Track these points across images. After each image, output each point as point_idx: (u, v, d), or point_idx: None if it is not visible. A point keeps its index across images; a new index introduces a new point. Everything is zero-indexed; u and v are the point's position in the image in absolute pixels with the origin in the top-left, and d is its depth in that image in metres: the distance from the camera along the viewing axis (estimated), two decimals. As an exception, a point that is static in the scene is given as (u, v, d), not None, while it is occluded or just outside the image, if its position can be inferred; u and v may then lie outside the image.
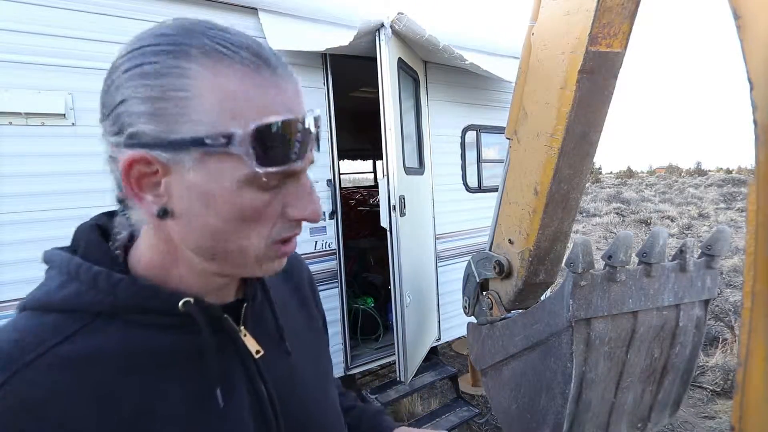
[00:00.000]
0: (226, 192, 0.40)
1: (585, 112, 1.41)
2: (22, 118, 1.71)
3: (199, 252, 0.43)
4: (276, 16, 2.30)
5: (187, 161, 0.38)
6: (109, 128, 0.40)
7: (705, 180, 25.58)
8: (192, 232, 0.41)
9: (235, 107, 0.38)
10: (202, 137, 0.37)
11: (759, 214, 0.56)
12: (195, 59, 0.38)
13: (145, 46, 0.39)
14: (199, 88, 0.37)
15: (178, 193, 0.40)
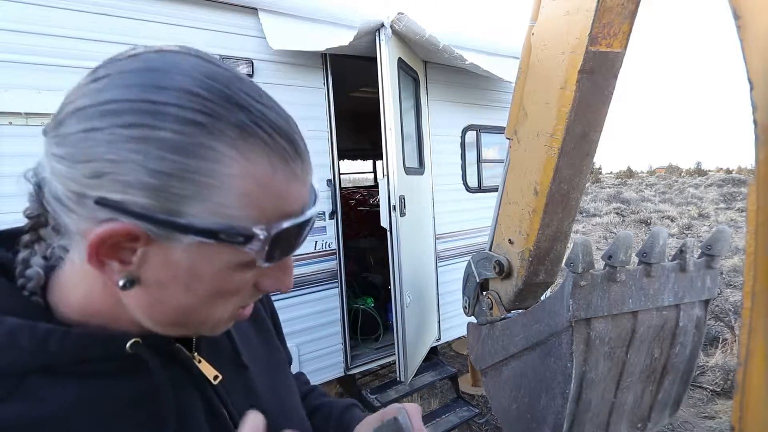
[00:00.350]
0: (213, 274, 0.36)
1: (585, 112, 1.41)
2: (22, 118, 1.71)
3: (157, 322, 0.38)
4: (276, 16, 2.30)
5: (181, 243, 0.33)
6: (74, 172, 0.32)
7: (705, 180, 25.58)
8: (157, 305, 0.36)
9: (260, 205, 0.34)
10: (216, 231, 0.33)
11: (759, 214, 0.56)
12: (231, 142, 0.32)
13: (167, 104, 0.31)
14: (229, 177, 0.32)
15: (155, 266, 0.34)
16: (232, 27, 2.19)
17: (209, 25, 2.12)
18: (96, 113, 0.31)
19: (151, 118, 0.31)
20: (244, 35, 2.23)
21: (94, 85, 0.32)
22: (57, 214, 0.35)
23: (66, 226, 0.35)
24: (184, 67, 0.33)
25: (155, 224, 0.32)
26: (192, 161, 0.31)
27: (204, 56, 0.36)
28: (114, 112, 0.31)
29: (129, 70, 0.32)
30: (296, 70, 2.39)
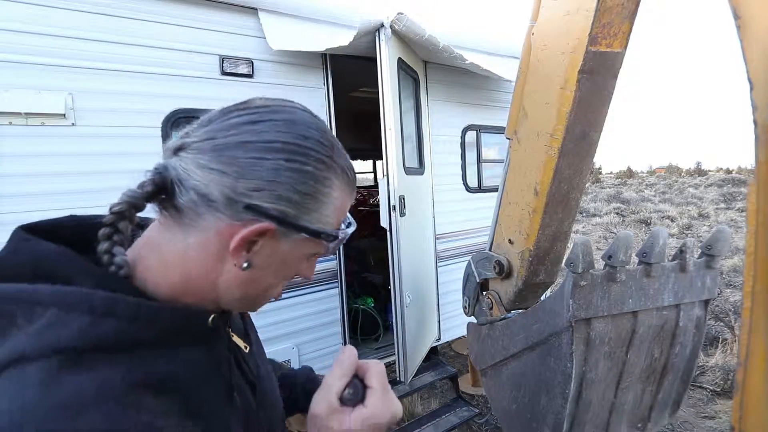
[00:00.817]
0: (295, 260, 0.52)
1: (585, 112, 1.41)
2: (22, 118, 1.71)
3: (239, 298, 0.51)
4: (276, 16, 2.30)
5: (291, 238, 0.49)
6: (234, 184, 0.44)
7: (705, 180, 25.58)
8: (251, 284, 0.50)
9: (339, 218, 0.53)
10: (320, 232, 0.49)
11: (759, 214, 0.56)
12: (337, 177, 0.50)
13: (310, 148, 0.48)
14: (332, 198, 0.50)
15: (264, 254, 0.48)
16: (232, 27, 2.19)
17: (209, 25, 2.12)
18: (263, 148, 0.45)
19: (302, 157, 0.47)
20: (244, 35, 2.23)
21: (253, 127, 0.46)
22: (196, 209, 0.45)
23: (198, 219, 0.46)
24: (309, 122, 0.50)
25: (286, 226, 0.47)
26: (320, 186, 0.48)
27: (310, 112, 0.52)
28: (277, 149, 0.46)
29: (279, 120, 0.48)
30: (296, 70, 2.39)
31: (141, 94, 1.96)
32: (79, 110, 1.82)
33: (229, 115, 0.48)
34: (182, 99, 2.05)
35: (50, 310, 0.39)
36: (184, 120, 2.08)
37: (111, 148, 1.89)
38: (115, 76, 1.90)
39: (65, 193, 1.80)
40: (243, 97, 0.52)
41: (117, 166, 1.91)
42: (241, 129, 0.46)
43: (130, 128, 1.94)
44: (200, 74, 2.10)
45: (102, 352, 0.39)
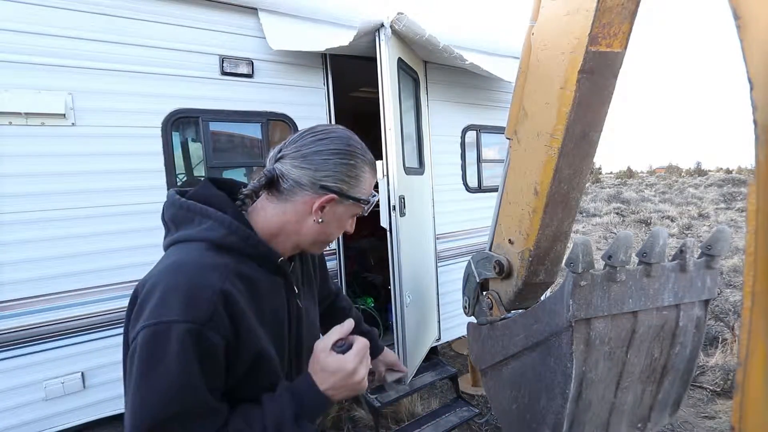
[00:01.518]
0: (346, 218, 0.86)
1: (585, 112, 1.41)
2: (22, 118, 1.71)
3: (311, 240, 0.84)
4: (276, 16, 2.30)
5: (345, 204, 0.83)
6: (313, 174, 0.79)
7: (705, 180, 25.59)
8: (322, 233, 0.84)
9: (368, 188, 0.86)
10: (361, 198, 0.84)
11: (759, 214, 0.56)
12: (366, 164, 0.84)
13: (351, 151, 0.82)
14: (365, 178, 0.84)
15: (330, 214, 0.83)
16: (232, 27, 2.19)
17: (209, 25, 2.12)
18: (328, 152, 0.80)
19: (348, 156, 0.81)
20: (244, 35, 2.23)
21: (321, 141, 0.80)
22: (292, 189, 0.80)
23: (293, 195, 0.80)
24: (349, 136, 0.84)
25: (342, 196, 0.81)
26: (358, 172, 0.83)
27: (345, 129, 0.86)
28: (335, 153, 0.80)
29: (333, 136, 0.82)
30: (296, 70, 2.39)
31: (141, 94, 1.96)
32: (79, 110, 1.82)
33: (306, 136, 0.81)
34: (182, 99, 2.06)
35: (209, 221, 0.75)
36: (184, 120, 2.08)
37: (111, 148, 1.89)
38: (115, 76, 1.90)
39: (65, 193, 1.80)
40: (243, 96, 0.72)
41: (117, 166, 1.91)
42: (315, 143, 0.80)
43: (130, 128, 1.94)
44: (200, 74, 2.10)
45: (226, 250, 0.74)
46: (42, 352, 1.76)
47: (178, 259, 0.70)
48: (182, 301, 0.63)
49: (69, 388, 1.80)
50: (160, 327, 0.62)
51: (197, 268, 0.68)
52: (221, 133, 2.21)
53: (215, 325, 0.65)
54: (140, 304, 0.66)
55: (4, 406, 1.69)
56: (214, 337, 0.65)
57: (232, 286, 0.69)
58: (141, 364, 0.63)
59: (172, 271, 0.68)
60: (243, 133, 2.28)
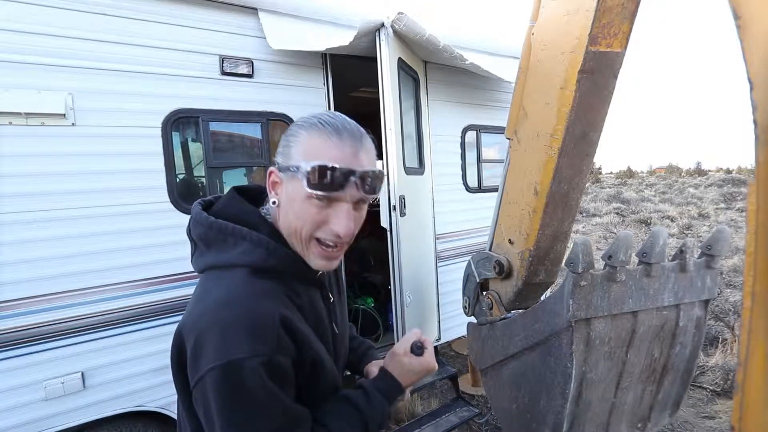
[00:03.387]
0: (297, 201, 0.71)
1: (585, 112, 1.41)
2: (22, 118, 1.71)
3: (287, 232, 0.75)
4: (276, 16, 2.30)
5: (287, 179, 0.72)
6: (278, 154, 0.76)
7: (705, 180, 25.58)
8: (284, 218, 0.75)
9: (309, 154, 0.70)
10: (289, 166, 0.71)
11: (759, 214, 0.56)
12: (307, 129, 0.72)
13: (296, 123, 0.75)
14: (299, 140, 0.72)
15: (283, 194, 0.74)
16: (232, 27, 2.19)
17: (209, 25, 2.12)
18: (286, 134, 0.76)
19: (290, 128, 0.75)
20: (244, 35, 2.22)
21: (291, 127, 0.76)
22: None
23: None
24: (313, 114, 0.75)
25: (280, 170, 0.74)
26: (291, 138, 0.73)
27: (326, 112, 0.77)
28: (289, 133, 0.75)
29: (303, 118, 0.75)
30: (296, 70, 2.39)
31: (141, 94, 1.96)
32: (79, 110, 1.82)
33: None
34: (182, 99, 2.05)
35: (246, 243, 0.73)
36: (184, 120, 2.08)
37: (111, 148, 1.89)
38: (115, 76, 1.90)
39: (65, 193, 1.80)
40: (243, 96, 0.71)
41: (117, 166, 1.91)
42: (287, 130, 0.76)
43: (130, 128, 1.93)
44: (200, 74, 2.10)
45: (268, 272, 0.72)
46: (42, 352, 1.75)
47: (226, 292, 0.68)
48: (247, 336, 0.63)
49: (69, 388, 1.80)
50: (232, 365, 0.62)
51: (250, 298, 0.67)
52: (221, 133, 2.21)
53: (282, 349, 0.66)
54: (197, 345, 0.65)
55: (4, 406, 1.69)
56: (284, 360, 0.67)
57: (285, 308, 0.70)
58: (223, 404, 0.63)
59: (224, 306, 0.66)
60: (243, 133, 2.28)
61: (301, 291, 0.77)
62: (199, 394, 0.65)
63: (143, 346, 1.96)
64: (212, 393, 0.63)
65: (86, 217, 1.84)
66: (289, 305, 0.72)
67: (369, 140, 0.76)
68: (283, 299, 0.71)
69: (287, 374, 0.68)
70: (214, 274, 0.74)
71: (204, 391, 0.64)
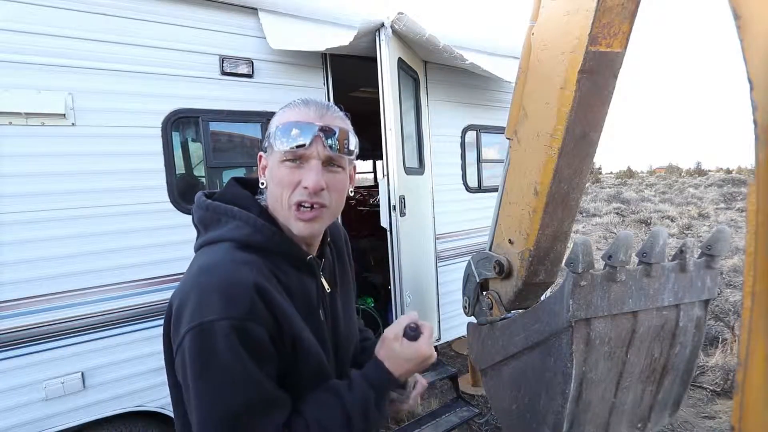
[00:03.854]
0: (274, 169, 0.76)
1: (585, 112, 1.41)
2: (22, 118, 1.71)
3: (274, 210, 0.78)
4: (276, 16, 2.30)
5: (268, 156, 0.78)
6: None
7: (705, 180, 25.58)
8: (270, 194, 0.79)
9: (278, 121, 0.77)
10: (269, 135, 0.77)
11: (759, 214, 0.56)
12: (282, 110, 0.80)
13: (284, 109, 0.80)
14: (275, 120, 0.78)
15: (268, 173, 0.79)
16: (232, 27, 2.19)
17: (209, 25, 2.12)
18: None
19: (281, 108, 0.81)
20: (244, 35, 2.23)
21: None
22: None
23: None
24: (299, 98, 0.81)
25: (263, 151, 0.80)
26: (275, 119, 0.78)
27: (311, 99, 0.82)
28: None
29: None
30: (296, 70, 2.39)
31: (141, 94, 1.96)
32: (79, 110, 1.82)
33: None
34: (182, 99, 2.06)
35: (236, 221, 0.76)
36: (184, 120, 2.08)
37: (111, 148, 1.89)
38: (115, 76, 1.90)
39: (65, 193, 1.80)
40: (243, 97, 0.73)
41: (117, 166, 1.91)
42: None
43: (130, 128, 1.94)
44: (200, 74, 2.10)
45: (253, 248, 0.74)
46: (42, 352, 1.75)
47: (208, 260, 0.71)
48: (220, 299, 0.64)
49: (69, 388, 1.80)
50: (204, 327, 0.63)
51: (228, 265, 0.69)
52: (221, 133, 2.21)
53: (255, 317, 0.66)
54: (177, 311, 0.68)
55: (4, 406, 1.69)
56: (256, 328, 0.66)
57: (264, 279, 0.70)
58: (194, 366, 0.64)
59: (203, 273, 0.69)
60: (243, 133, 2.28)
61: (291, 273, 0.78)
62: (179, 360, 0.67)
63: (143, 346, 1.96)
64: (188, 357, 0.64)
65: (86, 217, 1.84)
66: (270, 279, 0.72)
67: (337, 109, 0.80)
68: (265, 272, 0.72)
69: (262, 345, 0.67)
70: (203, 249, 0.77)
71: (182, 355, 0.65)
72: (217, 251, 0.73)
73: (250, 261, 0.71)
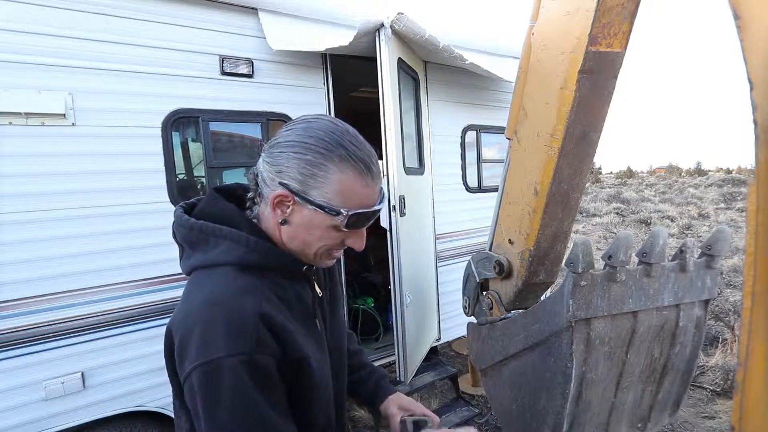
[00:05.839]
0: (320, 228, 0.73)
1: (585, 112, 1.41)
2: (22, 118, 1.71)
3: (292, 248, 0.77)
4: (276, 16, 2.30)
5: (308, 207, 0.71)
6: (272, 170, 0.72)
7: (705, 180, 25.58)
8: (293, 237, 0.76)
9: (346, 196, 0.71)
10: (323, 205, 0.70)
11: (759, 214, 0.56)
12: (334, 163, 0.69)
13: (310, 143, 0.69)
14: (331, 178, 0.70)
15: (296, 216, 0.73)
16: (232, 27, 2.19)
17: (209, 25, 2.12)
18: (285, 145, 0.71)
19: (304, 149, 0.69)
20: (244, 35, 2.22)
21: (285, 132, 0.73)
22: (262, 188, 0.75)
23: (265, 194, 0.74)
24: (320, 126, 0.71)
25: (297, 196, 0.71)
26: (316, 170, 0.70)
27: (332, 120, 0.74)
28: (291, 145, 0.71)
29: (299, 126, 0.72)
30: (296, 70, 2.39)
31: (141, 94, 1.96)
32: (79, 110, 1.82)
33: (284, 127, 0.75)
34: (182, 99, 2.05)
35: (227, 242, 0.72)
36: (184, 120, 2.08)
37: (111, 148, 1.89)
38: (115, 76, 1.90)
39: (65, 193, 1.80)
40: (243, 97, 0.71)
41: (117, 166, 1.91)
42: (279, 135, 0.73)
43: (130, 128, 1.93)
44: (200, 74, 2.10)
45: (251, 268, 0.72)
46: (42, 352, 1.75)
47: (209, 291, 0.69)
48: (226, 334, 0.64)
49: (69, 388, 1.80)
50: (211, 365, 0.63)
51: (230, 296, 0.68)
52: (221, 133, 2.21)
53: (263, 348, 0.66)
54: (182, 345, 0.67)
55: (4, 406, 1.69)
56: (264, 359, 0.66)
57: (268, 305, 0.69)
58: (203, 401, 0.65)
59: (206, 306, 0.67)
60: (243, 133, 2.28)
61: (287, 285, 0.77)
62: (187, 392, 0.67)
63: (143, 346, 1.96)
64: (197, 391, 0.65)
65: (86, 217, 1.84)
66: (273, 301, 0.72)
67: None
68: (267, 295, 0.71)
69: (270, 375, 0.67)
70: (199, 274, 0.74)
71: (191, 389, 0.66)
72: (217, 280, 0.70)
73: (251, 287, 0.70)
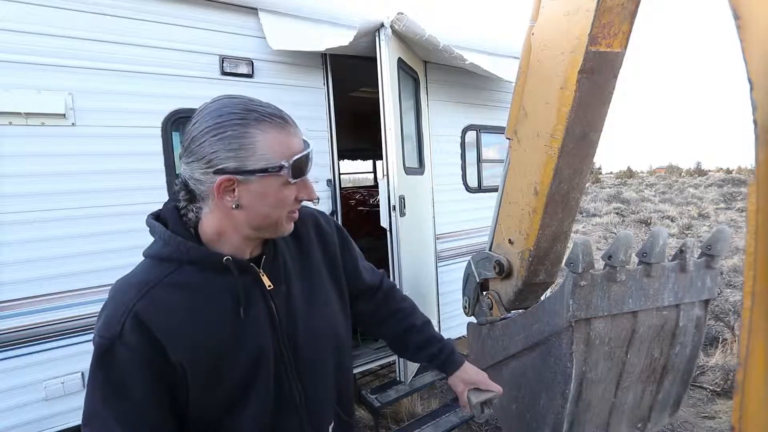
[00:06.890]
0: (272, 192, 0.75)
1: (585, 112, 1.41)
2: (22, 118, 1.71)
3: (253, 226, 0.78)
4: (276, 16, 2.30)
5: (252, 179, 0.72)
6: (199, 165, 0.72)
7: (705, 180, 25.58)
8: (251, 216, 0.76)
9: (279, 150, 0.73)
10: (266, 167, 0.72)
11: (759, 214, 0.56)
12: (253, 126, 0.71)
13: (222, 122, 0.71)
14: (258, 141, 0.71)
15: (245, 195, 0.74)
16: (232, 27, 2.19)
17: (209, 25, 2.12)
18: (200, 135, 0.71)
19: (221, 128, 0.70)
20: (244, 35, 2.23)
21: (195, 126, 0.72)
22: (198, 189, 0.75)
23: (202, 193, 0.75)
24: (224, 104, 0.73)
25: (237, 173, 0.71)
26: (242, 140, 0.70)
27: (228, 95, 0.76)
28: (206, 132, 0.71)
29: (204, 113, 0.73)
30: (296, 70, 2.39)
31: (141, 94, 1.96)
32: (79, 110, 1.82)
33: (188, 125, 0.74)
34: (182, 99, 2.06)
35: (156, 237, 0.78)
36: (184, 120, 2.08)
37: (111, 148, 1.89)
38: (115, 76, 1.90)
39: (65, 193, 1.80)
40: None
41: (117, 166, 1.91)
42: (188, 133, 0.73)
43: (130, 128, 1.94)
44: (200, 74, 2.10)
45: (166, 261, 0.76)
46: (42, 352, 1.75)
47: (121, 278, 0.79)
48: (103, 318, 0.73)
49: (69, 388, 1.80)
50: (93, 341, 0.74)
51: (121, 286, 0.76)
52: (221, 133, 2.21)
53: (124, 342, 0.71)
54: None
55: (4, 406, 1.69)
56: (125, 353, 0.71)
57: (151, 304, 0.72)
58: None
59: (111, 290, 0.77)
60: (243, 133, 2.28)
61: (211, 278, 0.77)
62: None
63: (143, 346, 1.96)
64: None
65: (86, 217, 1.84)
66: (167, 299, 0.73)
67: None
68: (162, 293, 0.73)
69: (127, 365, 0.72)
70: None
71: None
72: (134, 269, 0.80)
73: (143, 283, 0.74)
